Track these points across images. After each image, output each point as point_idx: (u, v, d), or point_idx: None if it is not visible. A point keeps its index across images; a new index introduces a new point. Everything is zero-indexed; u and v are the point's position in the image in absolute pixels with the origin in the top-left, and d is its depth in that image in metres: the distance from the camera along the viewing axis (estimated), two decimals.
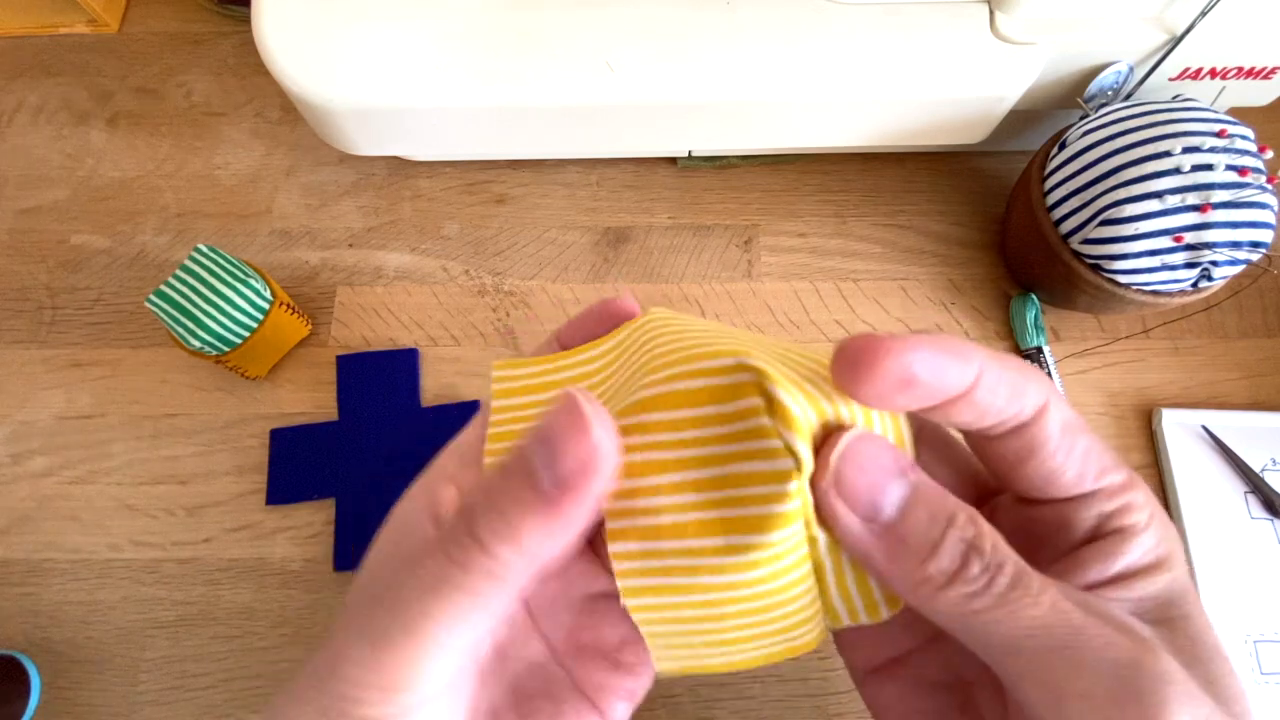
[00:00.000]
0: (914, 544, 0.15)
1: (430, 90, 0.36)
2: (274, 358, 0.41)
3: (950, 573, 0.15)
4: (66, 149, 0.47)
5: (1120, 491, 0.17)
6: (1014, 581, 0.15)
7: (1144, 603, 0.16)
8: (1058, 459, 0.16)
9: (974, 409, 0.15)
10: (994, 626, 0.15)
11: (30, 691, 0.36)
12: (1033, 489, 0.17)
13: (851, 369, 0.14)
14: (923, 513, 0.15)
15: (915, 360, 0.14)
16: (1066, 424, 0.16)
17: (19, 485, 0.40)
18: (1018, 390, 0.15)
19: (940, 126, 0.39)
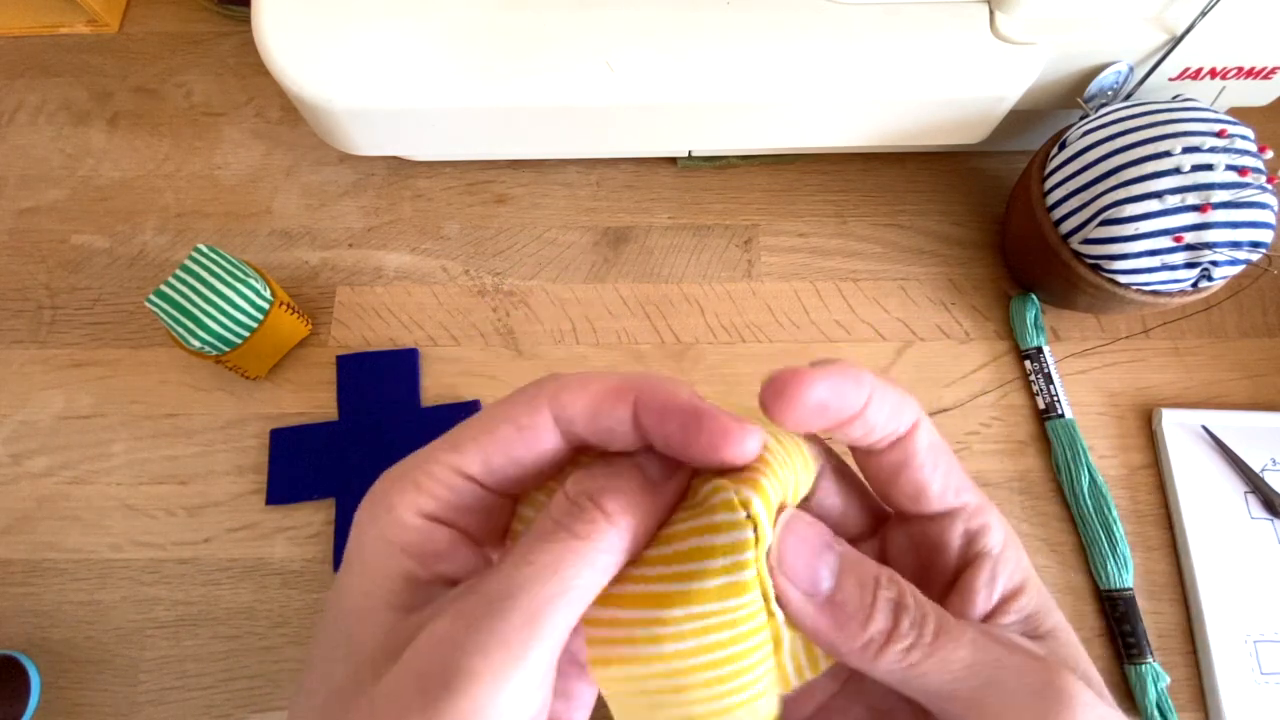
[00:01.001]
0: (852, 611, 0.16)
1: (430, 90, 0.36)
2: (274, 358, 0.41)
3: (886, 631, 0.16)
4: (66, 149, 0.47)
5: (978, 512, 0.18)
6: (939, 628, 0.16)
7: (1025, 623, 0.18)
8: (925, 471, 0.18)
9: (865, 425, 0.17)
10: (929, 677, 0.16)
11: (30, 691, 0.36)
12: (907, 500, 0.19)
13: (778, 398, 0.16)
14: (852, 580, 0.17)
15: (825, 387, 0.16)
16: (933, 442, 0.18)
17: (19, 485, 0.40)
18: (897, 408, 0.17)
19: (940, 126, 0.39)
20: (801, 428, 0.17)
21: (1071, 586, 0.38)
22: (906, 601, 0.16)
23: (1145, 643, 0.36)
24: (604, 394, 0.17)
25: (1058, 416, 0.40)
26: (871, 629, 0.16)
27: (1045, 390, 0.40)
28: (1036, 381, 0.41)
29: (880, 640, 0.16)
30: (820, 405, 0.16)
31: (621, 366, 0.42)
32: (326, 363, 0.42)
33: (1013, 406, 0.41)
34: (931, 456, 0.18)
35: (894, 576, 0.17)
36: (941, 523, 0.19)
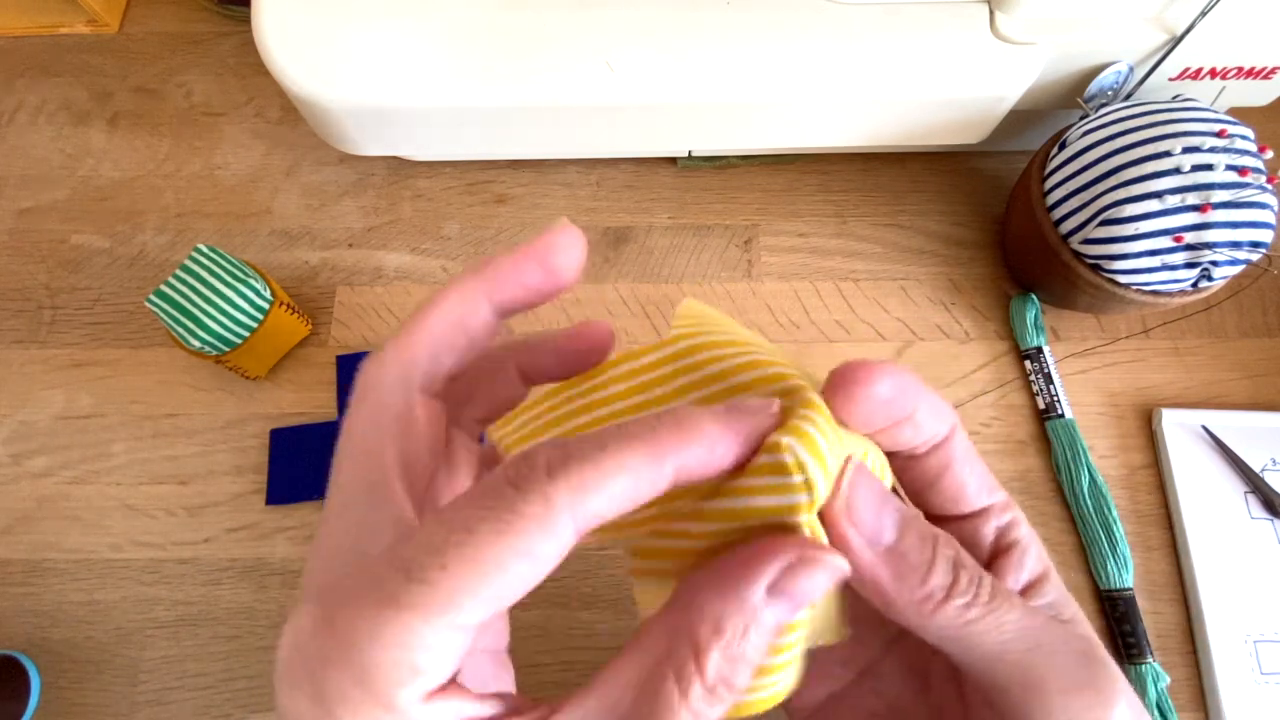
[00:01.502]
0: (914, 561, 0.16)
1: (430, 90, 0.36)
2: (274, 358, 0.41)
3: (946, 586, 0.16)
4: (66, 149, 0.47)
5: (1006, 508, 0.19)
6: (994, 590, 0.17)
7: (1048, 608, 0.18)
8: (964, 474, 0.18)
9: (915, 428, 0.17)
10: (985, 635, 0.16)
11: (30, 691, 0.36)
12: (946, 504, 0.19)
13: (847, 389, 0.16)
14: (914, 535, 0.17)
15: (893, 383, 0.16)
16: (967, 445, 0.19)
17: (19, 485, 0.40)
18: (939, 412, 0.18)
19: (940, 126, 0.39)
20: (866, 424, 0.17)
21: (1071, 586, 0.38)
22: (965, 560, 0.17)
23: (1145, 643, 0.36)
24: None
25: (1058, 416, 0.40)
26: (932, 582, 0.16)
27: (1045, 390, 0.40)
28: (1036, 381, 0.41)
29: (940, 595, 0.16)
30: (885, 401, 0.16)
31: None
32: (326, 363, 0.42)
33: (1013, 406, 0.41)
34: (968, 458, 0.18)
35: (951, 539, 0.17)
36: (974, 522, 0.19)
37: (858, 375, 0.16)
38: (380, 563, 0.14)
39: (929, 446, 0.18)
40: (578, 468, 0.14)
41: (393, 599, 0.13)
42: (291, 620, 0.14)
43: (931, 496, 0.19)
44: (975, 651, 0.17)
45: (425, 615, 0.13)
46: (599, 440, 0.14)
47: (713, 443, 0.15)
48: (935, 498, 0.19)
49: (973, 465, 0.19)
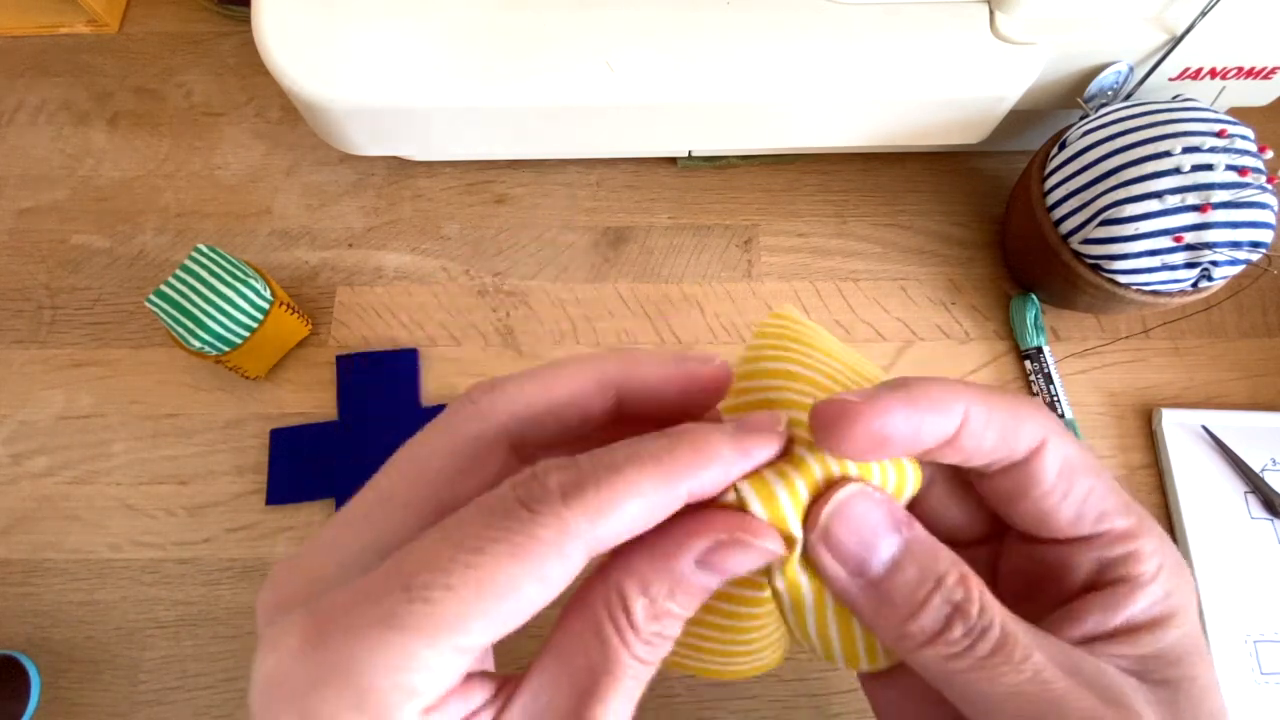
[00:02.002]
0: (898, 601, 0.15)
1: (430, 90, 0.36)
2: (274, 358, 0.41)
3: (932, 633, 0.15)
4: (66, 149, 0.47)
5: (1126, 538, 0.16)
6: (997, 646, 0.15)
7: (1147, 660, 0.15)
8: (1051, 500, 0.16)
9: (960, 453, 0.16)
10: (973, 686, 0.15)
11: (30, 691, 0.36)
12: (1028, 526, 0.17)
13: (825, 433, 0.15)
14: (912, 571, 0.15)
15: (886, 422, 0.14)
16: (1067, 464, 0.16)
17: (19, 485, 0.40)
18: (1008, 431, 0.16)
19: (940, 126, 0.39)
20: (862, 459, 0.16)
21: None
22: (969, 609, 0.15)
23: None
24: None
25: (1058, 416, 0.40)
26: (913, 625, 0.15)
27: (1045, 390, 0.40)
28: (1036, 381, 0.41)
29: (921, 639, 0.15)
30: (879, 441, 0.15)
31: None
32: (326, 363, 0.42)
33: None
34: (1063, 483, 0.16)
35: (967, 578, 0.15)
36: (1070, 547, 0.17)
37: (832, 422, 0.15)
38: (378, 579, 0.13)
39: (997, 468, 0.16)
40: (593, 492, 0.13)
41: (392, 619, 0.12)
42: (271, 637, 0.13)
43: (1011, 516, 0.17)
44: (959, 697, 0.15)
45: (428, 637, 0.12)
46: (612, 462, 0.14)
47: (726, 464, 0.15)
48: (1014, 519, 0.17)
49: (1071, 488, 0.16)
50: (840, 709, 0.36)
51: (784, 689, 0.36)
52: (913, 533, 0.16)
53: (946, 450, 0.15)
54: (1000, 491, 0.17)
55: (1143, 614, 0.16)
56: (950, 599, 0.15)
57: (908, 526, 0.16)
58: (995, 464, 0.16)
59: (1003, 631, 0.15)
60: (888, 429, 0.14)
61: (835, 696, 0.36)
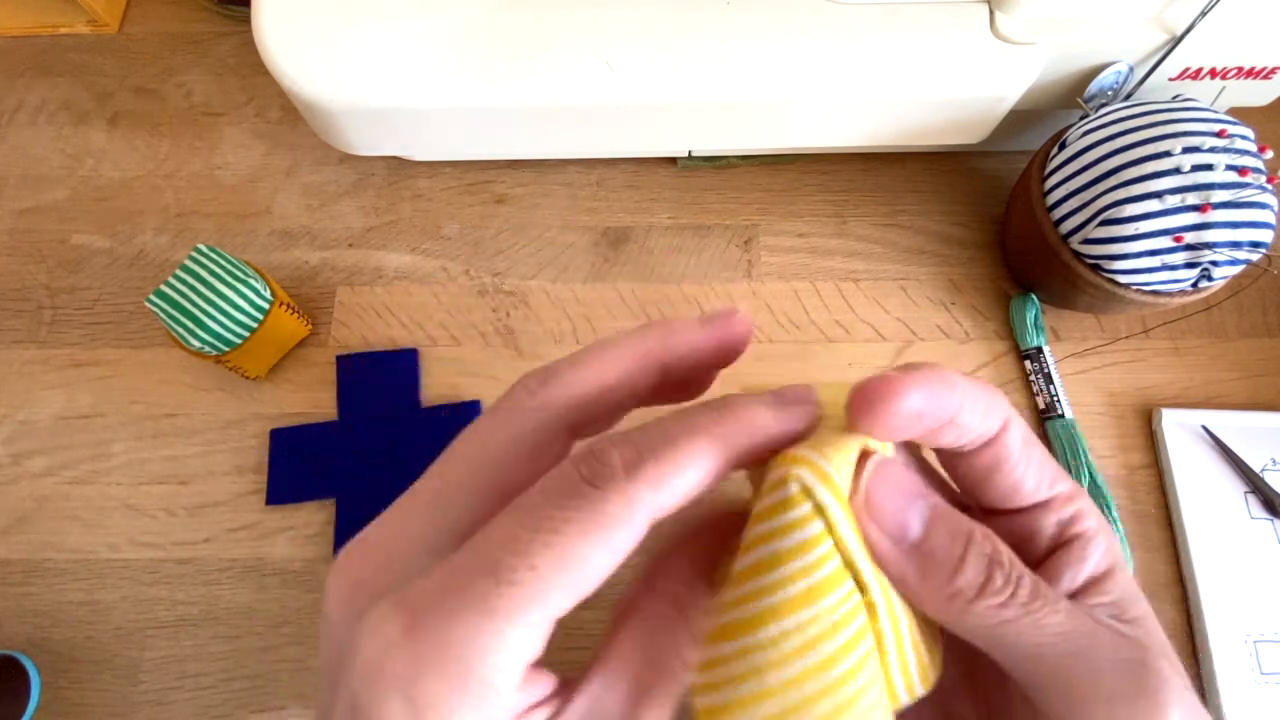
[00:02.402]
0: (940, 559, 0.16)
1: (430, 90, 0.36)
2: (274, 358, 0.41)
3: (978, 585, 0.16)
4: (66, 149, 0.47)
5: (1070, 500, 0.18)
6: (1034, 591, 0.16)
7: (1114, 606, 0.17)
8: (1020, 469, 0.18)
9: (958, 430, 0.17)
10: (1020, 636, 0.16)
11: (30, 691, 0.36)
12: (999, 499, 0.18)
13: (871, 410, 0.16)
14: (944, 529, 0.16)
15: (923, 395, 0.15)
16: (1025, 437, 0.18)
17: (19, 485, 0.40)
18: (988, 409, 0.17)
19: (940, 126, 0.39)
20: (893, 438, 0.16)
21: None
22: (1001, 559, 0.16)
23: None
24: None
25: (1058, 416, 0.40)
26: (960, 580, 0.16)
27: (1045, 390, 0.40)
28: (1036, 381, 0.41)
29: (970, 593, 0.16)
30: (915, 415, 0.16)
31: None
32: (326, 363, 0.42)
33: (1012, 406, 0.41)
34: (1026, 452, 0.18)
35: (990, 534, 0.16)
36: (1033, 515, 0.18)
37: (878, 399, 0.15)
38: (464, 566, 0.14)
39: (976, 445, 0.17)
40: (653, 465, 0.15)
41: (485, 603, 0.13)
42: (370, 625, 0.14)
43: (985, 491, 0.18)
44: (1011, 651, 0.16)
45: (519, 616, 0.14)
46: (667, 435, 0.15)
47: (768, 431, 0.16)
48: (989, 493, 0.18)
49: (1030, 459, 0.18)
50: None
51: None
52: (934, 497, 0.17)
53: (949, 429, 0.16)
54: (978, 468, 0.18)
55: (1098, 566, 0.17)
56: (984, 552, 0.16)
57: (929, 493, 0.17)
58: (975, 442, 0.17)
59: (1033, 578, 0.16)
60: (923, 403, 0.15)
61: None
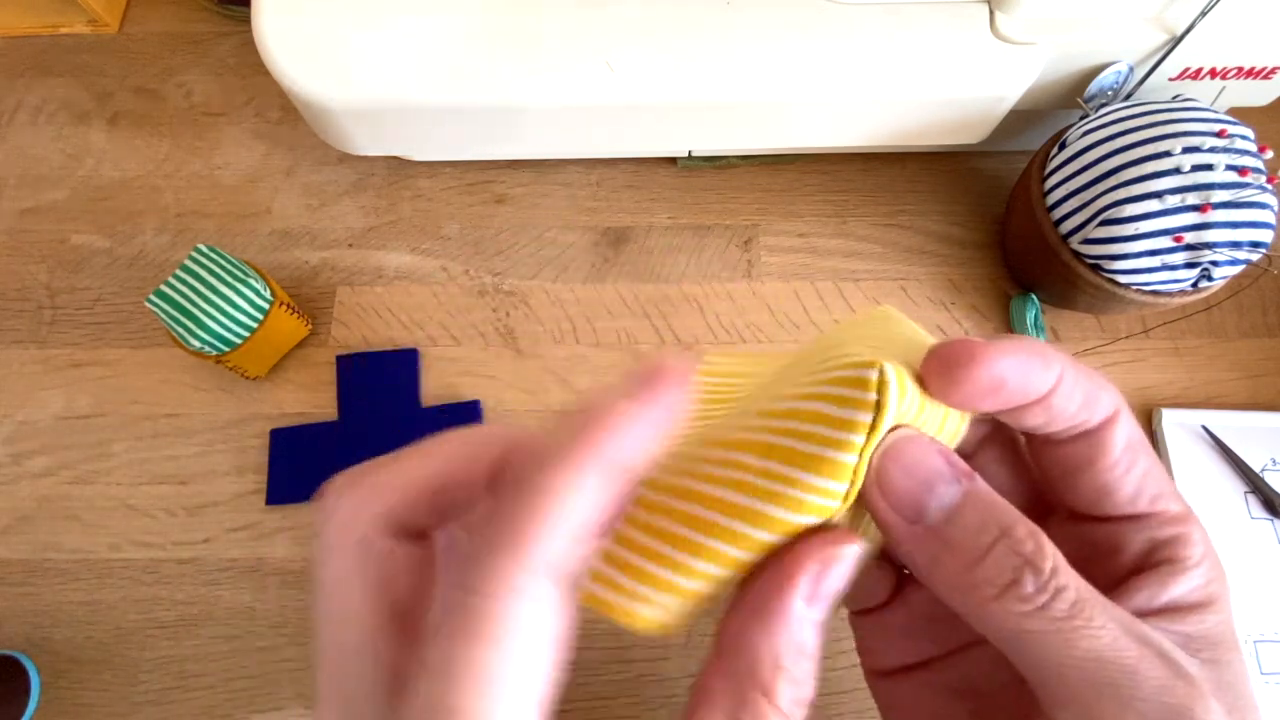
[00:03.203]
0: (959, 549, 0.15)
1: (430, 90, 0.36)
2: (274, 358, 0.41)
3: (1001, 585, 0.14)
4: (66, 149, 0.47)
5: (1177, 521, 0.16)
6: (1074, 609, 0.14)
7: (1191, 639, 0.15)
8: (1116, 472, 0.16)
9: (1048, 413, 0.15)
10: (1044, 650, 0.14)
11: (30, 691, 0.36)
12: (1086, 502, 0.17)
13: (948, 372, 0.15)
14: (973, 519, 0.15)
15: (1007, 365, 0.14)
16: (1131, 440, 0.16)
17: (19, 485, 0.40)
18: (1091, 398, 0.16)
19: (940, 126, 0.39)
20: (969, 407, 0.15)
21: None
22: (1041, 564, 0.14)
23: None
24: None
25: None
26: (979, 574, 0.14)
27: None
28: None
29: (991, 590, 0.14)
30: (995, 384, 0.14)
31: (621, 366, 0.42)
32: (326, 363, 0.42)
33: None
34: (1128, 456, 0.16)
35: (1037, 534, 0.15)
36: (1123, 525, 0.16)
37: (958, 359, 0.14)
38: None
39: (1071, 434, 0.16)
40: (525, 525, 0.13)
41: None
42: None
43: (1072, 489, 0.17)
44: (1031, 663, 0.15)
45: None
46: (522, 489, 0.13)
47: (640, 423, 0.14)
48: (1075, 492, 0.17)
49: (1134, 465, 0.16)
50: (840, 709, 0.36)
51: None
52: (974, 484, 0.15)
53: (1036, 409, 0.15)
54: (1067, 460, 0.16)
55: (1187, 596, 0.16)
56: (1019, 550, 0.14)
57: (969, 478, 0.15)
58: (1071, 430, 0.16)
59: (1079, 595, 0.14)
60: (1006, 373, 0.14)
61: (835, 696, 0.36)
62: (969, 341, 0.15)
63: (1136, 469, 0.16)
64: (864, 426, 0.14)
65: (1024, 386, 0.15)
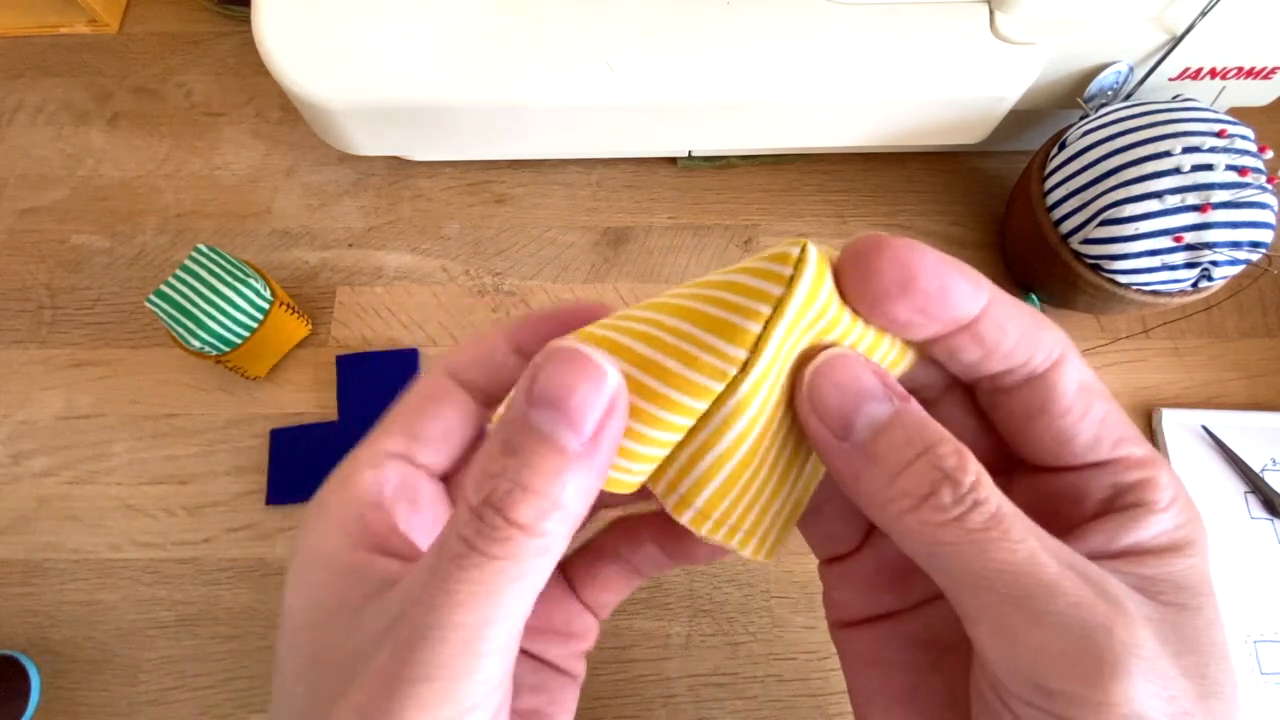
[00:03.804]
0: (882, 464, 0.14)
1: (430, 90, 0.36)
2: (274, 358, 0.41)
3: (918, 496, 0.14)
4: (66, 149, 0.47)
5: (1141, 466, 0.16)
6: (991, 521, 0.14)
7: (1153, 581, 0.15)
8: (1070, 418, 0.15)
9: (981, 344, 0.15)
10: (959, 561, 0.14)
11: (30, 691, 0.36)
12: (1045, 452, 0.16)
13: (857, 261, 0.14)
14: (899, 436, 0.14)
15: (916, 259, 0.14)
16: (1084, 384, 0.15)
17: (19, 485, 0.40)
18: (1030, 335, 0.15)
19: (940, 126, 0.39)
20: (884, 311, 0.14)
21: None
22: (961, 479, 0.14)
23: None
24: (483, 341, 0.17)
25: None
26: (899, 485, 0.14)
27: None
28: None
29: (907, 502, 0.14)
30: (905, 276, 0.14)
31: None
32: (326, 363, 0.42)
33: None
34: (1082, 401, 0.15)
35: (962, 452, 0.14)
36: (1084, 474, 0.16)
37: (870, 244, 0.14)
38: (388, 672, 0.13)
39: (1018, 380, 0.15)
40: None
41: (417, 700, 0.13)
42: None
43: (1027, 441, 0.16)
44: (945, 574, 0.14)
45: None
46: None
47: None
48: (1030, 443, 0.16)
49: (1089, 410, 0.15)
50: (840, 709, 0.36)
51: (784, 689, 0.36)
52: (907, 405, 0.15)
53: (967, 340, 0.15)
54: (1018, 409, 0.16)
55: (1152, 540, 0.15)
56: (940, 465, 0.14)
57: (903, 399, 0.15)
58: (1014, 373, 0.15)
59: (999, 509, 0.14)
60: (916, 267, 0.14)
61: (836, 696, 0.36)
62: (880, 234, 0.14)
63: (1093, 414, 0.15)
64: (773, 299, 0.14)
65: (942, 295, 0.14)
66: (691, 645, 0.37)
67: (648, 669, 0.37)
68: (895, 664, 0.18)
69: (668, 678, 0.36)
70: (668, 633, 0.37)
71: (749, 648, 0.37)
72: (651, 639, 0.37)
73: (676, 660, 0.37)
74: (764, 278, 0.14)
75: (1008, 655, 0.14)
